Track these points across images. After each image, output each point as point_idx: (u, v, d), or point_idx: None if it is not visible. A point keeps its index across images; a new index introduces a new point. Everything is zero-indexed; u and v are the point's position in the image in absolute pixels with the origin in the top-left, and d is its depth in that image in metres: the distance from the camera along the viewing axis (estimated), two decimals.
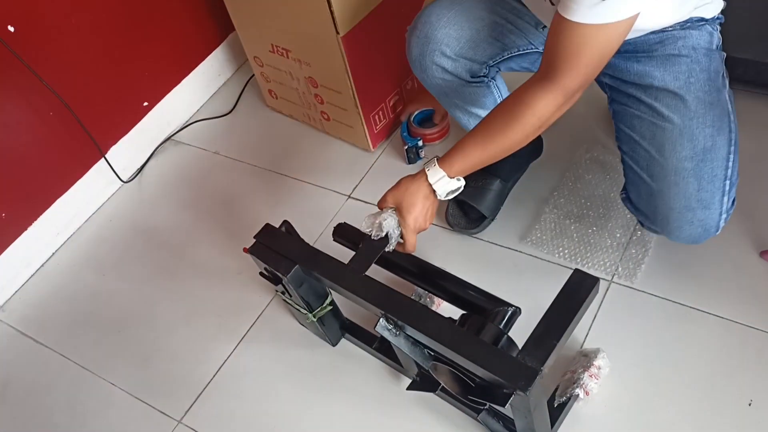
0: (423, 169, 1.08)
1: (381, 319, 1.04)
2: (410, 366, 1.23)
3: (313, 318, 1.25)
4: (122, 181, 1.85)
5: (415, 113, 1.68)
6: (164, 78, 1.90)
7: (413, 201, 1.08)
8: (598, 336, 1.27)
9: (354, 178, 1.68)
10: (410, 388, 1.22)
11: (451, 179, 1.06)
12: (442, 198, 1.08)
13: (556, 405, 1.17)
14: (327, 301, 1.26)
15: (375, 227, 1.10)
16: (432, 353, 1.05)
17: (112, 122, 1.80)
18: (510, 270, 1.41)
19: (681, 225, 1.12)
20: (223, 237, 1.65)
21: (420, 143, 1.63)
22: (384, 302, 1.04)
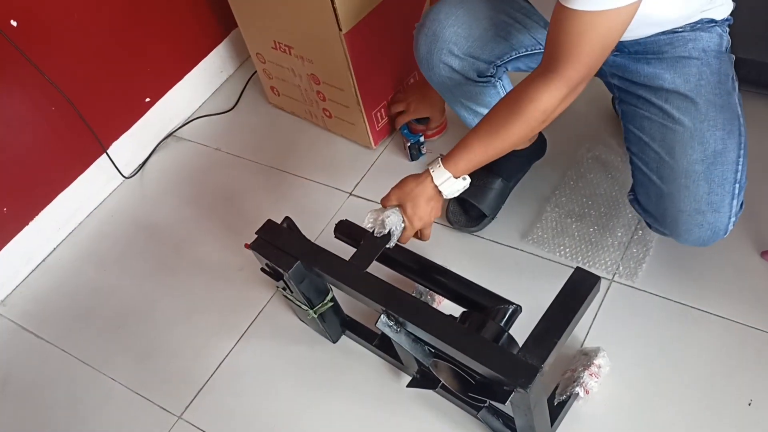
0: (428, 170, 1.08)
1: (382, 316, 1.04)
2: (410, 363, 1.23)
3: (314, 314, 1.26)
4: (124, 177, 1.85)
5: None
6: (167, 74, 1.90)
7: (418, 203, 1.08)
8: (599, 335, 1.27)
9: (356, 176, 1.68)
10: (410, 386, 1.22)
11: (457, 179, 1.06)
12: (448, 198, 1.09)
13: (556, 403, 1.17)
14: (328, 298, 1.26)
15: (378, 224, 1.11)
16: (432, 350, 1.06)
17: (114, 118, 1.80)
18: (511, 268, 1.41)
19: (690, 228, 1.12)
20: (225, 233, 1.65)
21: (421, 139, 1.63)
22: (385, 299, 1.04)
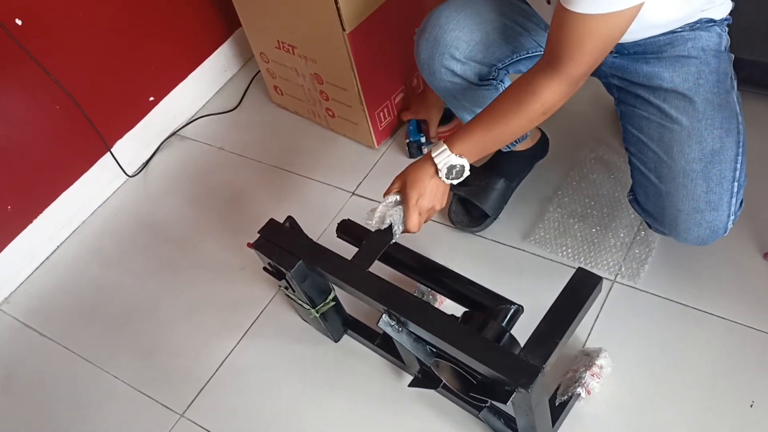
0: (428, 151, 1.09)
1: (384, 316, 1.04)
2: (412, 363, 1.23)
3: (316, 314, 1.26)
4: (127, 176, 1.85)
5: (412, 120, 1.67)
6: (170, 73, 1.91)
7: (416, 177, 1.07)
8: (601, 335, 1.27)
9: (358, 175, 1.69)
10: (412, 385, 1.22)
11: (453, 155, 1.05)
12: (444, 178, 1.07)
13: (558, 404, 1.17)
14: (330, 297, 1.26)
15: (376, 219, 1.10)
16: (434, 350, 1.06)
17: (118, 116, 1.81)
18: (513, 268, 1.41)
19: (689, 227, 1.12)
20: (227, 232, 1.65)
21: (423, 140, 1.63)
22: (387, 298, 1.04)
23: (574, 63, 0.96)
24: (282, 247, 1.16)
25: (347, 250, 1.15)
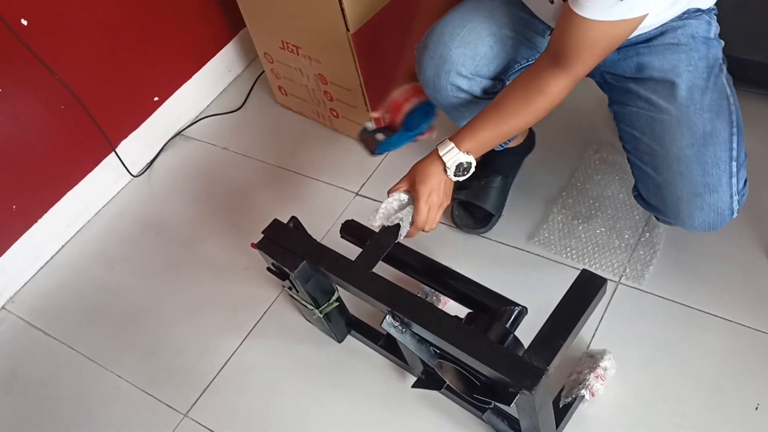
0: (435, 148, 1.09)
1: (387, 316, 1.04)
2: (416, 364, 1.23)
3: (320, 314, 1.26)
4: (132, 176, 1.86)
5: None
6: (175, 73, 1.91)
7: (426, 173, 1.08)
8: (605, 337, 1.27)
9: (362, 176, 1.68)
10: (415, 386, 1.22)
11: (461, 152, 1.07)
12: (452, 175, 1.08)
13: (562, 405, 1.17)
14: (333, 298, 1.26)
15: (380, 215, 1.09)
16: (438, 351, 1.05)
17: (123, 117, 1.81)
18: (517, 269, 1.41)
19: (692, 212, 1.11)
20: (231, 232, 1.65)
21: (369, 126, 1.30)
22: (390, 299, 1.04)
23: (582, 64, 1.00)
24: (286, 248, 1.16)
25: (351, 251, 1.15)
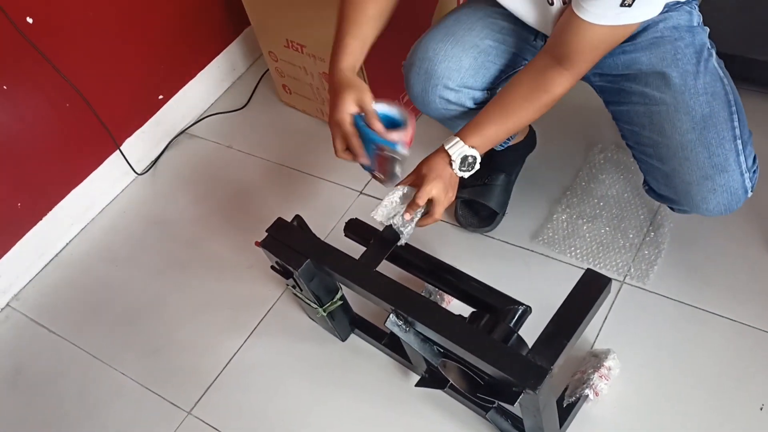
0: (441, 145, 1.09)
1: (391, 315, 1.04)
2: (419, 363, 1.23)
3: (323, 313, 1.26)
4: (136, 174, 1.86)
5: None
6: (179, 71, 1.91)
7: (434, 165, 1.08)
8: (609, 337, 1.27)
9: (366, 175, 1.67)
10: (419, 385, 1.22)
11: (466, 146, 1.07)
12: (457, 170, 1.08)
13: (565, 405, 1.16)
14: (337, 296, 1.26)
15: (385, 207, 1.09)
16: (441, 350, 1.05)
17: (128, 115, 1.82)
18: (521, 268, 1.41)
19: (705, 196, 1.11)
20: (235, 230, 1.66)
21: (398, 147, 1.06)
22: (394, 298, 1.04)
23: (586, 64, 1.04)
24: (290, 246, 1.16)
25: (355, 249, 1.15)
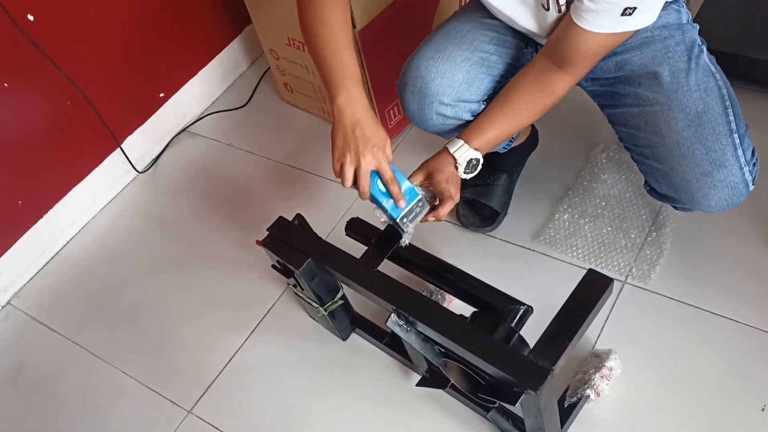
0: (444, 147, 1.11)
1: (392, 315, 1.04)
2: (420, 362, 1.23)
3: (324, 312, 1.26)
4: (137, 172, 1.86)
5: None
6: (181, 70, 1.91)
7: (441, 167, 1.10)
8: (611, 337, 1.26)
9: None
10: (420, 385, 1.22)
11: (471, 149, 1.09)
12: (462, 173, 1.10)
13: (567, 405, 1.16)
14: (338, 296, 1.26)
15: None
16: (442, 350, 1.05)
17: (129, 113, 1.81)
18: (523, 268, 1.40)
19: (706, 192, 1.10)
20: (236, 229, 1.65)
21: (421, 201, 1.08)
22: (395, 298, 1.04)
23: (587, 67, 1.06)
24: (291, 245, 1.16)
25: (356, 249, 1.15)
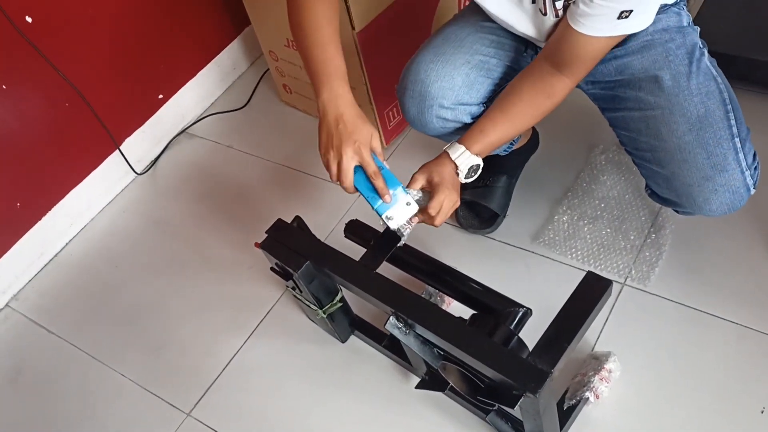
0: (444, 151, 1.11)
1: (391, 317, 1.03)
2: (419, 365, 1.22)
3: (323, 314, 1.25)
4: (136, 173, 1.86)
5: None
6: (179, 71, 1.91)
7: (443, 172, 1.09)
8: (610, 339, 1.26)
9: None
10: (419, 387, 1.22)
11: (472, 155, 1.09)
12: (463, 178, 1.10)
13: (566, 408, 1.16)
14: (337, 298, 1.26)
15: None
16: (441, 353, 1.05)
17: (127, 114, 1.81)
18: (522, 270, 1.40)
19: (707, 197, 1.10)
20: (235, 231, 1.65)
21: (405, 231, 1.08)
22: (394, 300, 1.04)
23: (586, 70, 1.06)
24: (289, 248, 1.15)
25: (355, 251, 1.14)
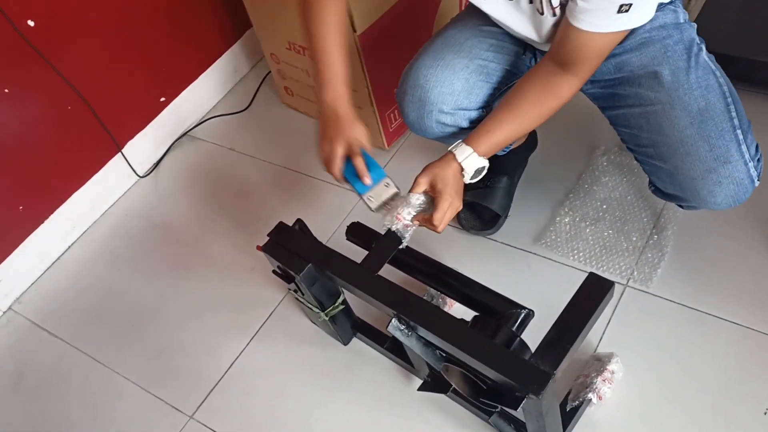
0: (449, 151, 1.10)
1: (393, 320, 1.03)
2: (422, 367, 1.22)
3: (325, 317, 1.25)
4: (138, 176, 1.86)
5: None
6: (181, 73, 1.91)
7: (446, 175, 1.08)
8: (612, 340, 1.26)
9: None
10: (421, 389, 1.21)
11: (479, 157, 1.09)
12: (469, 179, 1.10)
13: (569, 409, 1.16)
14: (339, 301, 1.26)
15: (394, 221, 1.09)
16: (444, 355, 1.05)
17: (129, 117, 1.81)
18: (524, 272, 1.40)
19: (711, 189, 1.10)
20: (237, 233, 1.65)
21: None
22: (396, 302, 1.04)
23: (591, 68, 1.06)
24: (291, 251, 1.16)
25: (357, 253, 1.14)
